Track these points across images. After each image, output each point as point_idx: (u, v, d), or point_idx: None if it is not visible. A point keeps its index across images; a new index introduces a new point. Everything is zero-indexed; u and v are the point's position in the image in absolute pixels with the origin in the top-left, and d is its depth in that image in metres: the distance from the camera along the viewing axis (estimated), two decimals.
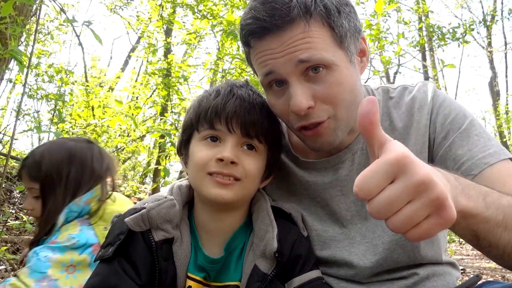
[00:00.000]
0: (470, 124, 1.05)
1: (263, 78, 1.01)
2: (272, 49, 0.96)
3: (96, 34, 2.55)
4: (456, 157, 1.01)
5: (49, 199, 1.44)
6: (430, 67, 13.32)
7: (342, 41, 0.97)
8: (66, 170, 1.46)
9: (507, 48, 15.51)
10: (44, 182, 1.45)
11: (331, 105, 0.98)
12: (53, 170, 1.45)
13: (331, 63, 0.95)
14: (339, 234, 1.13)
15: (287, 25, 0.93)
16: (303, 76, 0.97)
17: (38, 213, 1.48)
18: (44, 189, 1.45)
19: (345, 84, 0.98)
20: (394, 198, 0.56)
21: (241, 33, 1.02)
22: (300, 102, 0.95)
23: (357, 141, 1.12)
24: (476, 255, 6.94)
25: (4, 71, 4.03)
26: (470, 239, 0.82)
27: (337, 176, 1.13)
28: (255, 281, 0.99)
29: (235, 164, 0.98)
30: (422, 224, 0.57)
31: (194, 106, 1.08)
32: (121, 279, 0.93)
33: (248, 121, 1.01)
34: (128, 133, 6.88)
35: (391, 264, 1.08)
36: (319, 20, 0.95)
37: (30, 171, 1.46)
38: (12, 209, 4.26)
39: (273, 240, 1.00)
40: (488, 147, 1.00)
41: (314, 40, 0.94)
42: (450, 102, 1.10)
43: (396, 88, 1.18)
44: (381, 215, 0.57)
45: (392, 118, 1.13)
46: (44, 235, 1.43)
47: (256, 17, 0.94)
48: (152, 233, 0.99)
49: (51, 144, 1.56)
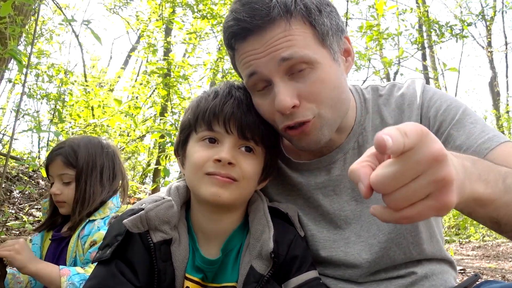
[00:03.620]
0: (464, 114, 1.04)
1: (247, 80, 1.01)
2: (255, 49, 0.96)
3: (95, 33, 2.55)
4: (456, 149, 1.00)
5: (86, 184, 1.61)
6: (430, 67, 13.32)
7: (324, 39, 0.98)
8: (100, 161, 1.67)
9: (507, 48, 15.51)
10: (81, 169, 1.62)
11: (315, 103, 0.98)
12: (90, 159, 1.64)
13: (314, 61, 0.95)
14: (334, 235, 1.13)
15: (268, 24, 0.93)
16: (287, 75, 0.97)
17: (65, 198, 1.62)
18: (80, 175, 1.62)
19: (329, 81, 0.98)
20: (402, 171, 0.52)
21: (224, 36, 1.03)
22: (284, 100, 0.95)
23: (348, 141, 1.12)
24: (476, 255, 6.93)
25: (4, 71, 4.03)
26: (491, 226, 0.80)
27: (330, 176, 1.13)
28: (251, 282, 0.99)
29: (233, 165, 0.99)
30: (418, 204, 0.54)
31: (192, 107, 1.08)
32: (119, 282, 0.93)
33: (244, 123, 1.01)
34: (128, 133, 6.88)
35: (387, 262, 1.08)
36: (300, 19, 0.95)
37: (67, 157, 1.62)
38: (12, 209, 4.26)
39: (269, 240, 1.00)
40: (486, 132, 0.99)
41: (296, 38, 0.94)
42: (440, 94, 1.10)
43: (385, 86, 1.19)
44: (385, 188, 0.53)
45: (383, 116, 1.13)
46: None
47: (237, 19, 0.95)
48: (151, 234, 0.99)
49: (84, 137, 1.77)
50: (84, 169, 1.62)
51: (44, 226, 1.72)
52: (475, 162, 0.72)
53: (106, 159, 1.69)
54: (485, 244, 8.00)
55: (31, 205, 4.44)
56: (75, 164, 1.62)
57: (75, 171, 1.63)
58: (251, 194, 1.09)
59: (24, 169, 5.23)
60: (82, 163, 1.62)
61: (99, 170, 1.65)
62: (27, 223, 3.54)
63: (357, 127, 1.12)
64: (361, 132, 1.12)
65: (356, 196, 1.12)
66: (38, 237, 1.72)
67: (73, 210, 1.61)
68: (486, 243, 8.13)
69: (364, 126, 1.12)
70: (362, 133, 1.12)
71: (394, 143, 0.49)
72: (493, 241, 8.30)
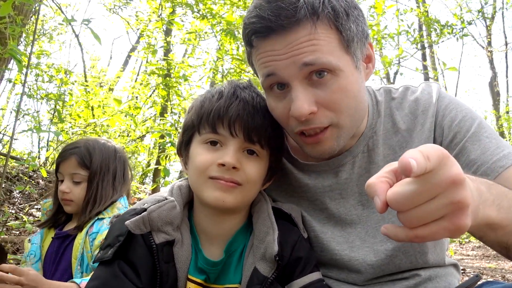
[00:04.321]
0: (479, 126, 1.02)
1: (264, 80, 0.98)
2: (276, 50, 0.92)
3: (95, 33, 2.54)
4: (470, 163, 0.99)
5: (98, 186, 1.67)
6: (430, 67, 13.30)
7: (349, 45, 0.94)
8: (113, 165, 1.74)
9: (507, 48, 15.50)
10: (94, 171, 1.67)
11: (334, 112, 0.95)
12: (104, 163, 1.70)
13: (336, 68, 0.92)
14: (338, 237, 1.12)
15: (293, 26, 0.90)
16: (306, 80, 0.93)
17: (73, 197, 1.66)
18: (93, 177, 1.67)
19: (350, 90, 0.95)
20: (420, 191, 0.53)
21: (243, 32, 0.98)
22: (302, 107, 0.92)
23: (358, 144, 1.10)
24: (476, 255, 6.92)
25: (4, 71, 4.03)
26: (500, 250, 0.81)
27: (337, 179, 1.11)
28: (255, 284, 0.98)
29: (237, 169, 0.97)
30: (432, 225, 0.55)
31: (196, 107, 1.05)
32: (121, 283, 0.92)
33: (251, 125, 0.99)
34: (128, 133, 6.88)
35: (392, 269, 1.07)
36: (326, 22, 0.91)
37: (82, 158, 1.67)
38: (12, 209, 4.26)
39: (273, 242, 0.99)
40: (501, 148, 0.98)
41: (320, 42, 0.90)
42: (456, 103, 1.07)
43: (398, 88, 1.16)
44: (401, 206, 0.54)
45: (395, 120, 1.11)
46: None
47: (260, 16, 0.91)
48: (153, 235, 0.98)
49: (97, 140, 1.80)
50: (98, 172, 1.68)
51: (48, 222, 1.74)
52: (490, 187, 0.73)
53: (119, 164, 1.77)
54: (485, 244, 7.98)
55: (31, 205, 4.44)
56: (89, 165, 1.67)
57: (88, 173, 1.67)
58: (255, 196, 1.08)
59: (24, 169, 5.22)
60: (96, 166, 1.68)
61: (112, 174, 1.73)
62: (27, 223, 3.54)
63: (368, 130, 1.10)
64: (371, 135, 1.10)
65: (363, 200, 1.10)
66: (37, 237, 1.73)
67: (83, 209, 1.65)
68: None
69: (375, 130, 1.10)
70: (373, 137, 1.10)
71: (418, 167, 0.50)
72: None
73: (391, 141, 1.10)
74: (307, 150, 1.03)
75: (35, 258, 1.68)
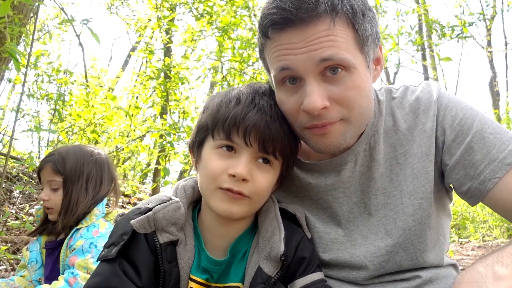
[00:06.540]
0: (481, 123, 1.02)
1: (277, 73, 0.97)
2: (293, 43, 0.92)
3: (93, 32, 2.54)
4: (476, 162, 0.99)
5: (71, 191, 1.66)
6: (430, 67, 13.30)
7: (364, 45, 0.95)
8: (88, 169, 1.71)
9: (507, 48, 15.50)
10: (68, 176, 1.67)
11: (347, 109, 0.96)
12: (77, 166, 1.69)
13: (352, 65, 0.93)
14: (341, 237, 1.12)
15: (312, 20, 0.89)
16: (320, 75, 0.94)
17: (52, 204, 1.67)
18: (67, 182, 1.67)
19: (362, 89, 0.96)
20: None
21: (261, 23, 0.97)
22: (316, 102, 0.92)
23: (360, 143, 1.10)
24: (476, 255, 6.92)
25: (4, 71, 4.03)
26: None
27: (340, 177, 1.11)
28: (258, 283, 0.98)
29: (246, 181, 0.96)
30: None
31: (212, 110, 1.02)
32: (121, 281, 0.92)
33: (267, 136, 0.97)
34: (128, 133, 6.87)
35: (393, 267, 1.08)
36: (344, 20, 0.92)
37: (55, 165, 1.68)
38: (12, 209, 4.26)
39: (280, 243, 0.99)
40: (506, 143, 0.99)
41: (338, 39, 0.91)
42: (456, 101, 1.08)
43: (398, 88, 1.17)
44: None
45: (396, 118, 1.11)
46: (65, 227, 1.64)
47: (281, 7, 0.90)
48: (157, 235, 0.98)
49: (75, 146, 1.83)
50: (71, 176, 1.67)
51: (37, 231, 1.76)
52: (498, 258, 0.77)
53: (94, 167, 1.74)
54: (485, 244, 7.99)
55: (31, 205, 4.44)
56: (62, 171, 1.67)
57: (63, 178, 1.67)
58: (263, 203, 1.07)
59: (24, 169, 5.22)
60: (69, 170, 1.68)
61: (85, 177, 1.70)
62: (27, 223, 3.54)
63: (369, 129, 1.10)
64: (373, 134, 1.11)
65: (365, 198, 1.11)
66: (35, 244, 1.74)
67: (58, 217, 1.65)
68: (486, 243, 8.13)
69: (377, 129, 1.11)
70: (374, 135, 1.11)
71: None
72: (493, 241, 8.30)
73: (392, 139, 1.11)
74: (313, 143, 1.03)
75: (37, 264, 1.70)
